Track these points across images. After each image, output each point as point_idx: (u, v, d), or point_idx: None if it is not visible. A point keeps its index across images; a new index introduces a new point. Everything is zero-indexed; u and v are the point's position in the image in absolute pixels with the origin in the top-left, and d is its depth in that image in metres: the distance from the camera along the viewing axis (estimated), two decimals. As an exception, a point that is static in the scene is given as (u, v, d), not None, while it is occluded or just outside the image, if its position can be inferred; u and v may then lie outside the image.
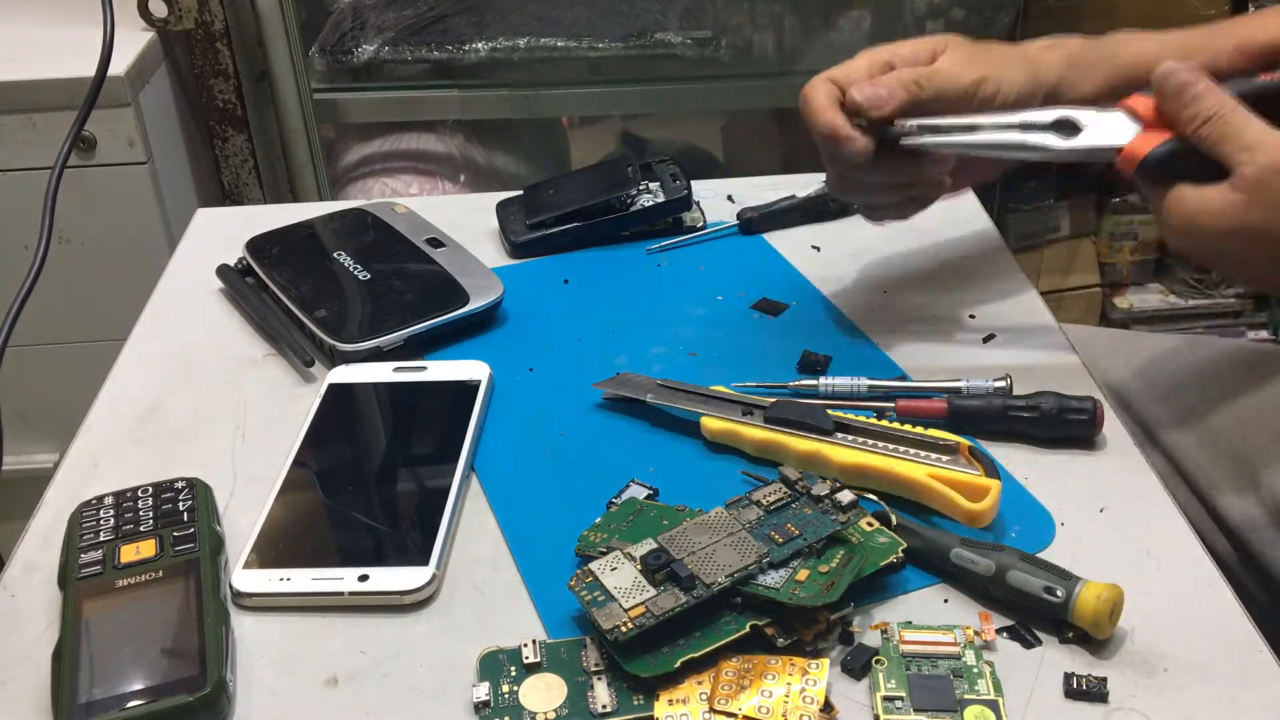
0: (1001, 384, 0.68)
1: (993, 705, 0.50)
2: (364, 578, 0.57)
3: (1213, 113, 0.60)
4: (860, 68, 0.69)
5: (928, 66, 0.69)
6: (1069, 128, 0.65)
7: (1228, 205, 0.60)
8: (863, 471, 0.62)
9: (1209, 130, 0.60)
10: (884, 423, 0.65)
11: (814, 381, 0.70)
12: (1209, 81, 0.61)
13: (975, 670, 0.52)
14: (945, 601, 0.57)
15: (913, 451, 0.62)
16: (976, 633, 0.54)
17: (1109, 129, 0.64)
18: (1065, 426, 0.65)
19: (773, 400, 0.66)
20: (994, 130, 0.66)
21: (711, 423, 0.66)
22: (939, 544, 0.57)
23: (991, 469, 0.61)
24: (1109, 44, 0.71)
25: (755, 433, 0.65)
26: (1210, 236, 0.61)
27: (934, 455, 0.62)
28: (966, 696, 0.51)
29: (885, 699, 0.51)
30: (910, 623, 0.55)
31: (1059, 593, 0.53)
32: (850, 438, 0.64)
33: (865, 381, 0.70)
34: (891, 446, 0.63)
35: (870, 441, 0.63)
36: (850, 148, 0.67)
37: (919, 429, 0.64)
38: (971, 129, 0.66)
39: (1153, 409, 0.80)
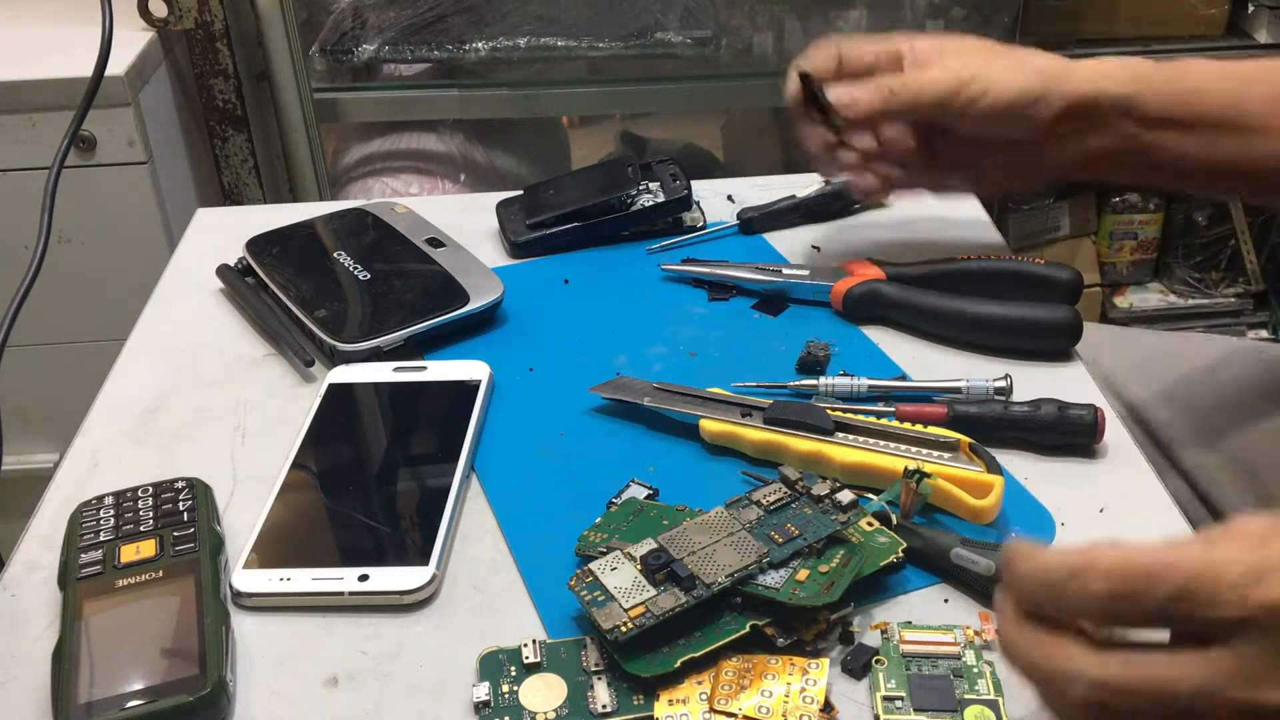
0: (1002, 384, 0.68)
1: (993, 705, 0.50)
2: (364, 578, 0.57)
3: None
4: (866, 51, 0.73)
5: (913, 74, 0.71)
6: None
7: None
8: (865, 470, 0.62)
9: None
10: (884, 421, 0.64)
11: (813, 382, 0.70)
12: None
13: (975, 670, 0.52)
14: (945, 601, 0.57)
15: (914, 449, 0.62)
16: (976, 633, 0.54)
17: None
18: (1066, 435, 0.65)
19: (771, 402, 0.66)
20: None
21: (710, 425, 0.66)
22: (939, 544, 0.57)
23: (993, 465, 0.61)
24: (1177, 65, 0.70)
25: (755, 434, 0.65)
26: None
27: (935, 453, 0.62)
28: (966, 696, 0.51)
29: (885, 699, 0.51)
30: (910, 623, 0.55)
31: (1059, 592, 0.53)
32: (850, 437, 0.64)
33: (865, 381, 0.70)
34: (892, 445, 0.63)
35: (871, 440, 0.63)
36: (786, 90, 0.74)
37: (918, 426, 0.64)
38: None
39: (1151, 405, 0.80)
